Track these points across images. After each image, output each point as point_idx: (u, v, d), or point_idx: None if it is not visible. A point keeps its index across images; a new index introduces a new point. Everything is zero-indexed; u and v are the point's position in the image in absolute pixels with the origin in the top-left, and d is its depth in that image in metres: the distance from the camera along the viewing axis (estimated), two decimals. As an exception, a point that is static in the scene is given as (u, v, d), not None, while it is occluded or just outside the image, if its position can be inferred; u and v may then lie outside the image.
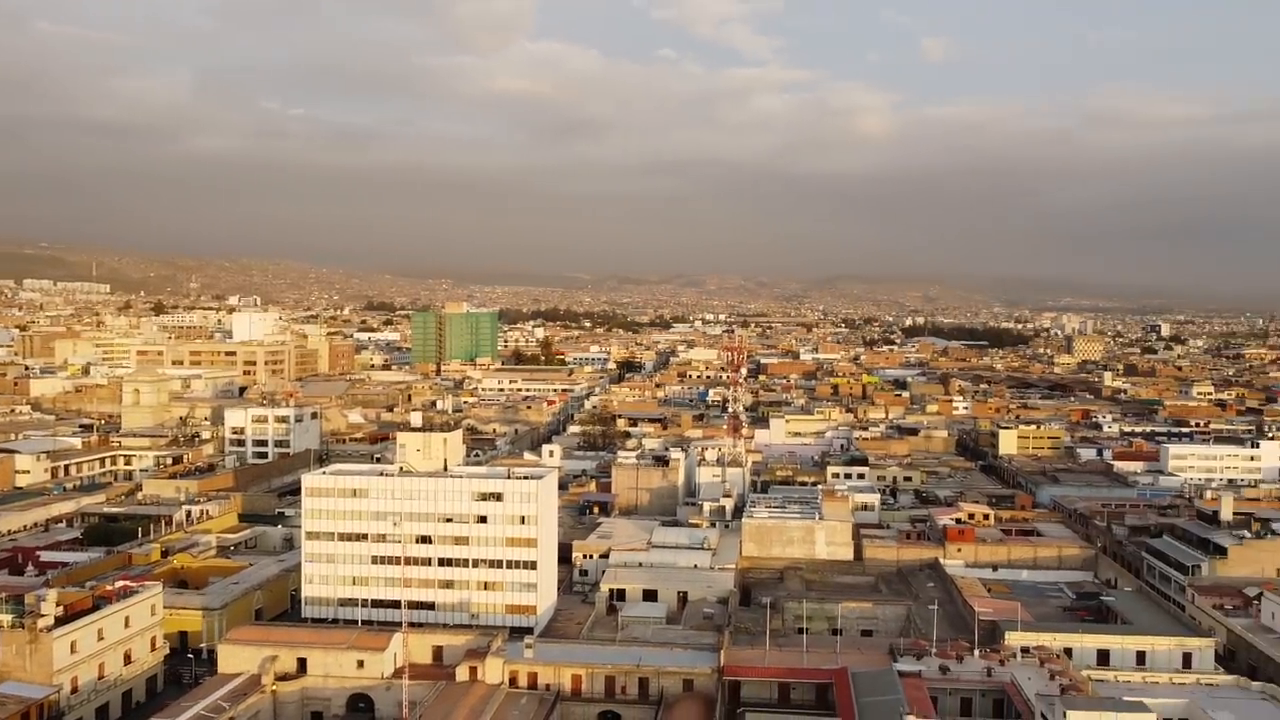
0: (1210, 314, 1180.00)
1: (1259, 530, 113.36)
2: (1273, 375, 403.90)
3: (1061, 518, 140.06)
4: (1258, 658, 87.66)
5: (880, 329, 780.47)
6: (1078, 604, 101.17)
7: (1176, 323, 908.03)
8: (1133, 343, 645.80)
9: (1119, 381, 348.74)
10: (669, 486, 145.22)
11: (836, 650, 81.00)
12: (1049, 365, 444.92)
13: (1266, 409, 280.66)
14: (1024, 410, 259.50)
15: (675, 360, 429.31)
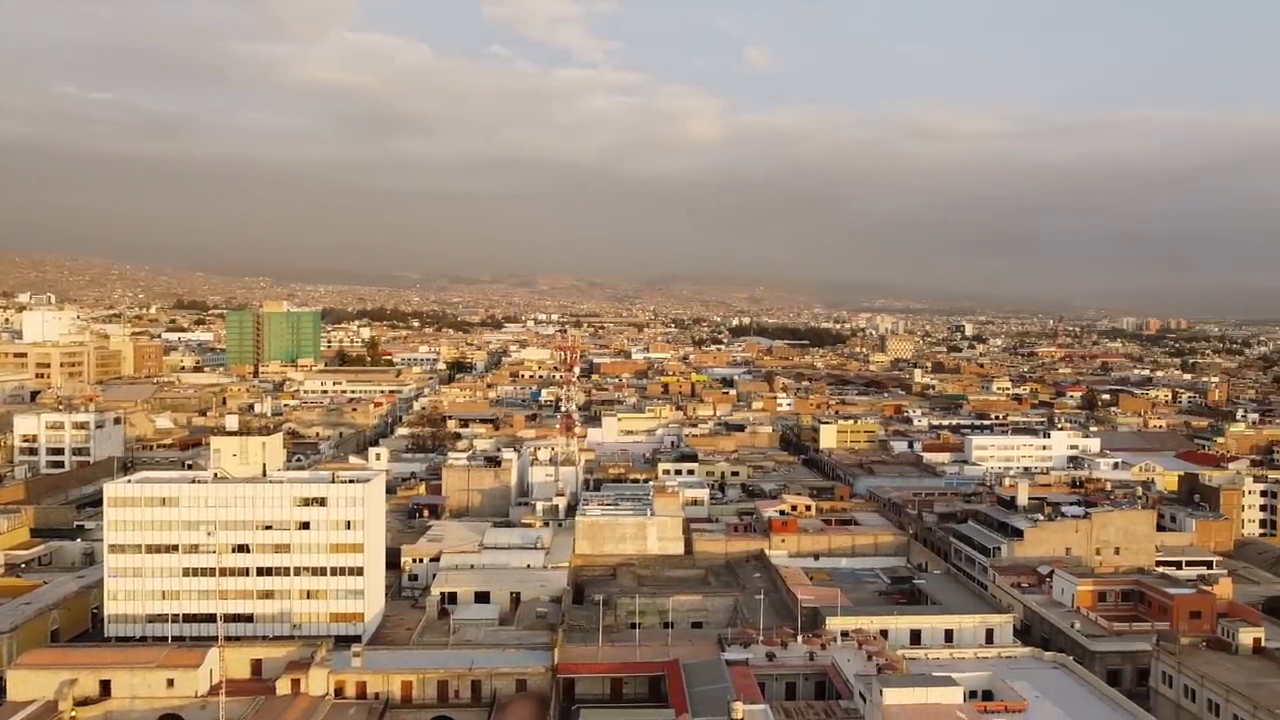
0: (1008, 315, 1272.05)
1: (1050, 514, 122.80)
2: (1061, 371, 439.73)
3: (877, 507, 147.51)
4: (1050, 630, 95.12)
5: (709, 329, 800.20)
6: (892, 588, 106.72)
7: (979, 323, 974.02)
8: (940, 342, 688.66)
9: (928, 378, 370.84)
10: (501, 487, 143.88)
11: (668, 643, 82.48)
12: (865, 363, 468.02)
13: (1056, 402, 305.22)
14: (842, 406, 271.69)
15: (507, 360, 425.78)
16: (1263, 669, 78.05)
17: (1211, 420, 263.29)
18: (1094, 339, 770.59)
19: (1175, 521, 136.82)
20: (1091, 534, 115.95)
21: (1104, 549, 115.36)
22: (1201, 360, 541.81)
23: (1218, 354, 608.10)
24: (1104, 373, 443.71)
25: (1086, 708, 70.24)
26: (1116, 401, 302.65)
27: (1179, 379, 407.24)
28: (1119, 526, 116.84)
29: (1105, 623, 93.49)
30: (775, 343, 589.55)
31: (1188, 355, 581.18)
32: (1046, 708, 69.35)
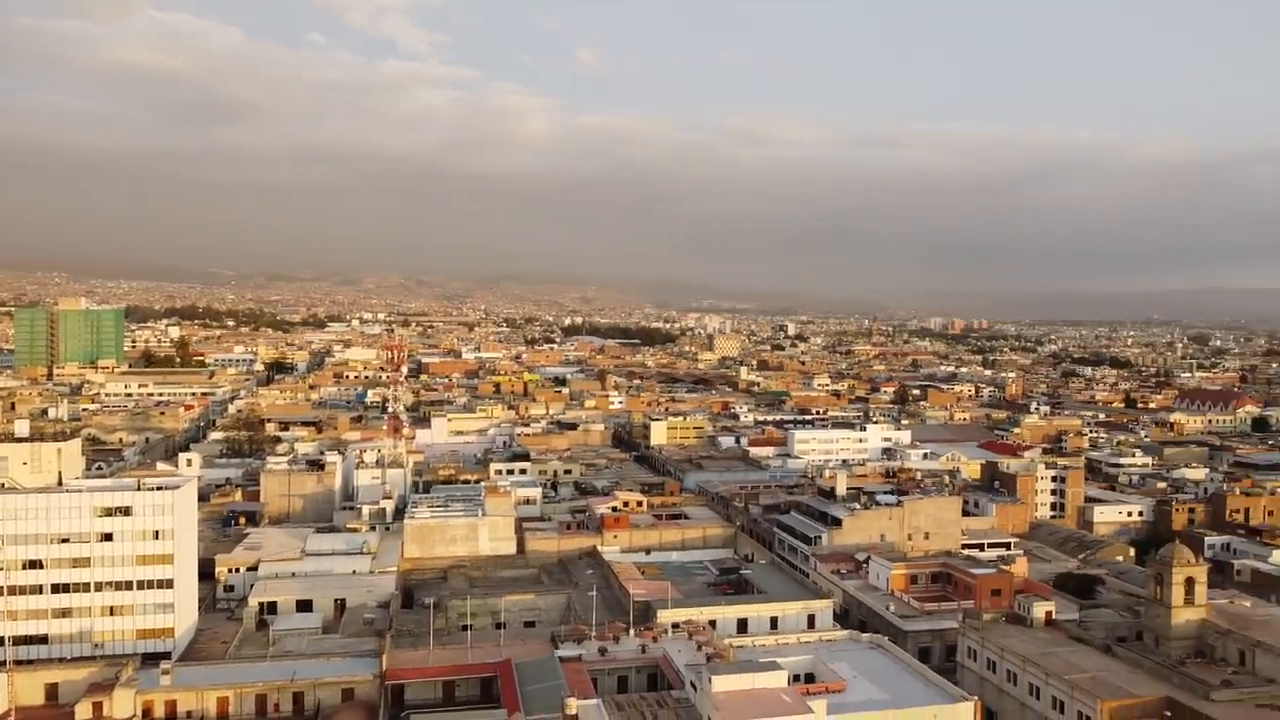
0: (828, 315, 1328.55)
1: (867, 503, 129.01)
2: (876, 368, 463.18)
3: (706, 501, 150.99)
4: (866, 613, 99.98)
5: (541, 328, 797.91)
6: (720, 579, 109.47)
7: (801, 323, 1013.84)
8: (765, 341, 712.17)
9: (753, 375, 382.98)
10: (325, 491, 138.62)
11: (500, 643, 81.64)
12: (694, 362, 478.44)
13: (872, 398, 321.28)
14: (672, 403, 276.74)
15: (331, 361, 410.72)
16: (1053, 639, 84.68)
17: (1009, 413, 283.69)
18: (905, 338, 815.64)
19: (978, 507, 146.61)
20: (904, 521, 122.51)
21: (915, 534, 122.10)
22: (1000, 357, 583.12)
23: (1014, 352, 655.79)
24: (914, 369, 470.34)
25: (900, 683, 74.17)
26: (926, 396, 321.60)
27: (981, 375, 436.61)
28: (928, 513, 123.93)
29: (917, 603, 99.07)
30: (607, 342, 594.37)
31: (988, 353, 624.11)
32: (864, 685, 72.82)
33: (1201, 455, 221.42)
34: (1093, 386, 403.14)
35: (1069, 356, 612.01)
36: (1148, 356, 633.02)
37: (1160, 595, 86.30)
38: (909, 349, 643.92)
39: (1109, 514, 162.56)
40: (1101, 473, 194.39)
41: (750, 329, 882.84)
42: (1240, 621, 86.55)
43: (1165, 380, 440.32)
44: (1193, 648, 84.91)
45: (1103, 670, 76.20)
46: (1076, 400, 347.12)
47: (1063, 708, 72.73)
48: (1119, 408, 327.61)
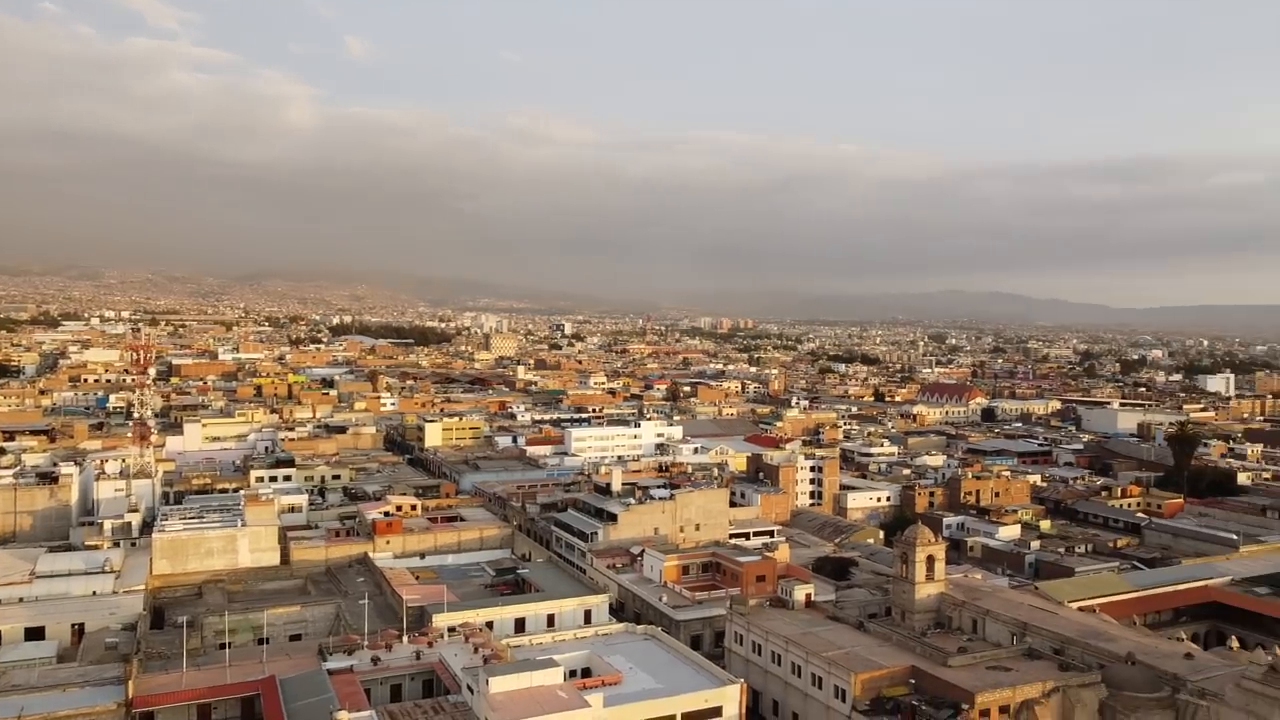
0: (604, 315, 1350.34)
1: (641, 498, 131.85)
2: (650, 366, 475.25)
3: (483, 502, 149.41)
4: (641, 605, 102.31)
5: (307, 328, 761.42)
6: (497, 579, 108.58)
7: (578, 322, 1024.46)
8: (542, 340, 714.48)
9: (531, 375, 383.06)
10: (59, 507, 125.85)
11: (263, 660, 77.08)
12: (470, 361, 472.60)
13: (645, 395, 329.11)
14: (448, 404, 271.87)
15: (66, 363, 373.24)
16: (813, 620, 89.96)
17: (773, 407, 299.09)
18: (677, 337, 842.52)
19: (745, 497, 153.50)
20: (676, 514, 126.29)
21: (687, 526, 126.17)
22: (764, 355, 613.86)
23: (777, 350, 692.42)
24: (685, 367, 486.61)
25: (673, 672, 76.34)
26: (696, 393, 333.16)
27: (746, 371, 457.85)
28: (699, 505, 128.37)
29: (688, 593, 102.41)
30: (379, 341, 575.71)
31: (754, 351, 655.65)
32: (639, 676, 74.41)
33: (940, 443, 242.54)
34: (846, 382, 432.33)
35: (825, 354, 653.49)
36: (894, 354, 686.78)
37: (905, 573, 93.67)
38: (680, 348, 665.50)
39: (861, 500, 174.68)
40: (854, 462, 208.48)
41: (528, 328, 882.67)
42: (973, 593, 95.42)
43: (909, 376, 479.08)
44: (934, 619, 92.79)
45: (856, 645, 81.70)
46: (832, 395, 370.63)
47: (821, 683, 77.38)
48: (869, 401, 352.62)
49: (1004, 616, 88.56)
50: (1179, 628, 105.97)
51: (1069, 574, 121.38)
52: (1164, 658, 78.77)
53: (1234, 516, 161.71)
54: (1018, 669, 76.75)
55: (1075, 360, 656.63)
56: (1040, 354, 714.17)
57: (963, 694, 70.90)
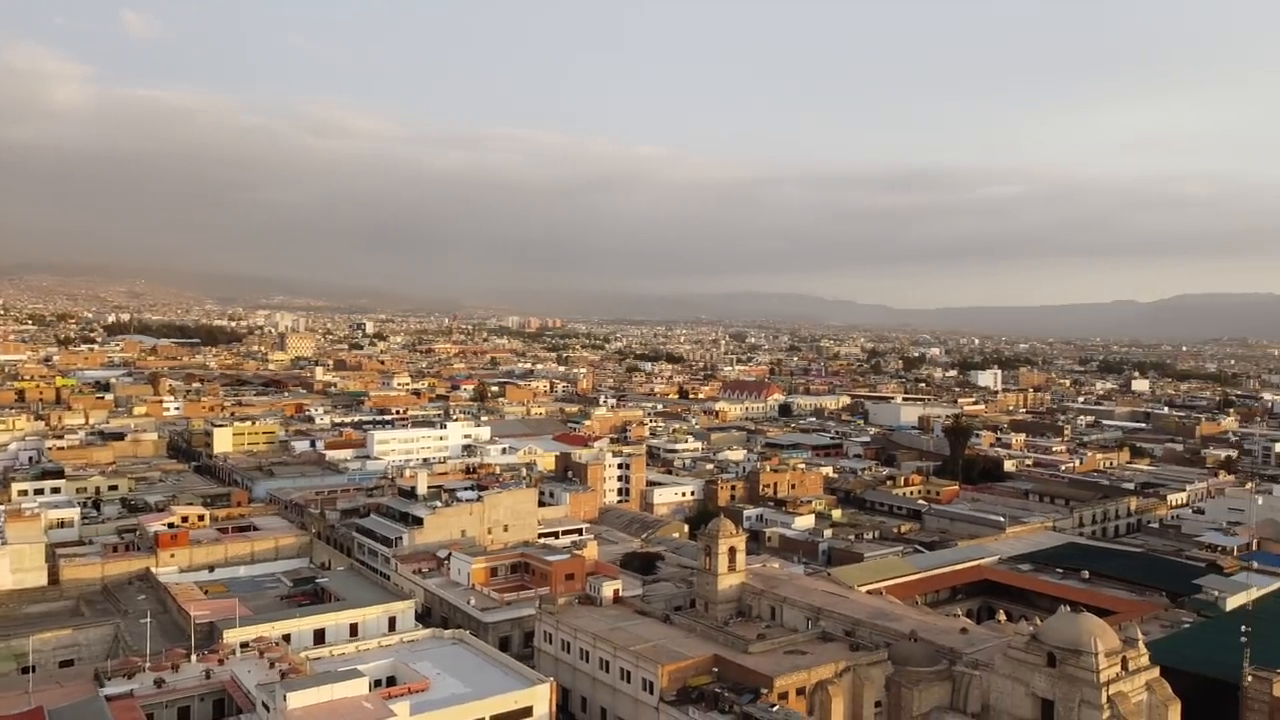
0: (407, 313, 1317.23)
1: (447, 500, 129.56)
2: (456, 366, 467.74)
3: (278, 510, 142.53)
4: (449, 609, 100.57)
5: (78, 327, 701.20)
6: (295, 590, 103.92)
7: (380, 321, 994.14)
8: (342, 340, 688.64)
9: (330, 376, 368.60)
10: None
11: (29, 690, 70.39)
12: (264, 362, 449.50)
13: (452, 395, 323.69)
14: (239, 408, 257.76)
15: None
16: (620, 615, 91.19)
17: (581, 406, 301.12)
18: (485, 336, 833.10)
19: (554, 496, 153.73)
20: (484, 515, 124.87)
21: (495, 528, 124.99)
22: (573, 354, 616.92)
23: (585, 349, 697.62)
24: (493, 367, 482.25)
25: (481, 674, 75.50)
26: (504, 393, 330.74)
27: (555, 371, 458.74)
28: (507, 506, 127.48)
29: (497, 595, 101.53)
30: (160, 341, 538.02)
31: (562, 350, 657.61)
32: (447, 682, 73.11)
33: (741, 439, 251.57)
34: (652, 380, 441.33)
35: (632, 353, 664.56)
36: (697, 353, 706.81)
37: (709, 565, 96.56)
38: (488, 347, 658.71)
39: (667, 495, 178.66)
40: (660, 458, 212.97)
41: (326, 327, 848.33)
42: (771, 582, 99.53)
43: (711, 374, 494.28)
44: (735, 609, 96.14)
45: (663, 638, 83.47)
46: (639, 393, 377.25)
47: (630, 677, 78.58)
48: (674, 399, 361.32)
49: (800, 603, 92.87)
50: (955, 605, 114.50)
51: (858, 559, 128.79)
52: (942, 633, 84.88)
53: (1002, 500, 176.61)
54: (813, 652, 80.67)
55: (863, 358, 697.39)
56: (832, 352, 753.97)
57: (762, 679, 73.83)
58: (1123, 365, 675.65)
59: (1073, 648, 70.55)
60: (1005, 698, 73.67)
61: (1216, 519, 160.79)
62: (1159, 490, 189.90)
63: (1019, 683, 72.96)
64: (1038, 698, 71.80)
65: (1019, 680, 72.99)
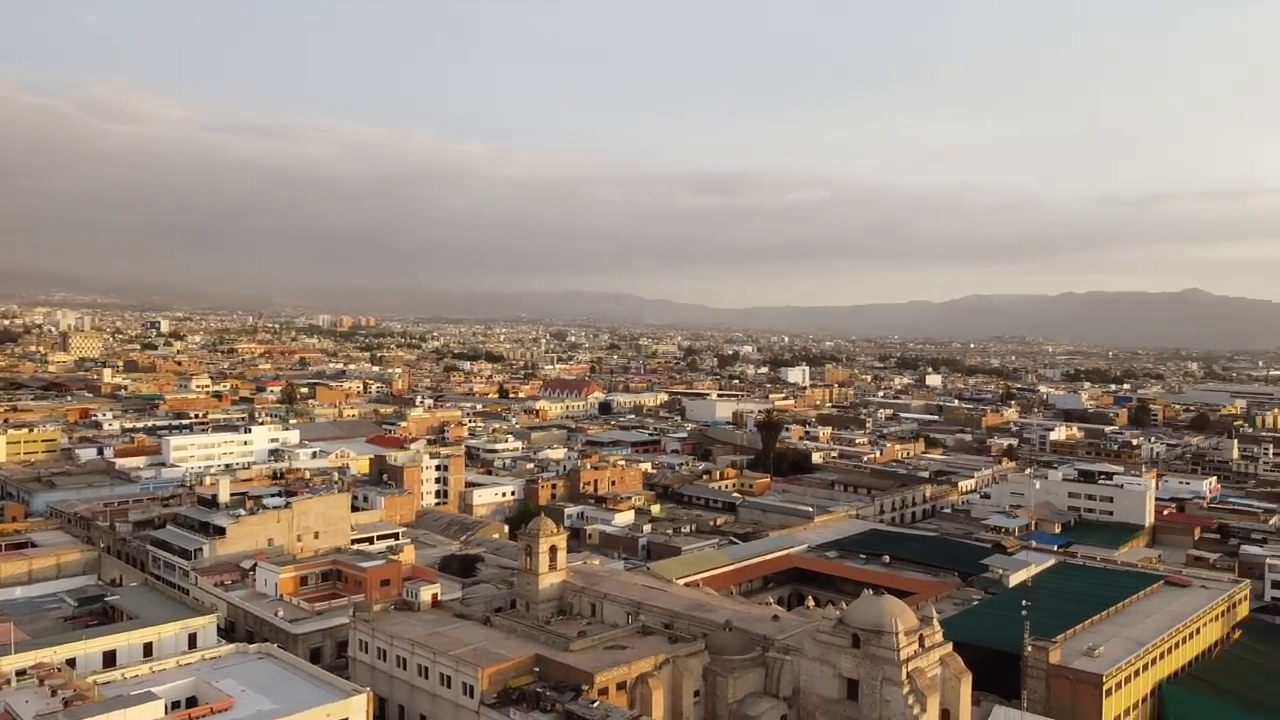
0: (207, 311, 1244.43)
1: (253, 508, 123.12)
2: (262, 367, 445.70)
3: (61, 524, 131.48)
4: (255, 622, 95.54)
5: None
6: (81, 610, 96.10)
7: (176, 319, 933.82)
8: (134, 339, 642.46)
9: (120, 378, 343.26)
10: None
11: None
12: (43, 364, 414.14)
13: (257, 398, 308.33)
14: (14, 413, 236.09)
15: None
16: (439, 619, 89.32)
17: (396, 407, 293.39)
18: (293, 335, 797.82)
19: (368, 500, 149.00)
20: (293, 522, 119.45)
21: (305, 535, 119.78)
22: (387, 354, 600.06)
23: (401, 348, 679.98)
24: (302, 367, 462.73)
25: (291, 689, 72.10)
26: (314, 394, 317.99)
27: (369, 371, 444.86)
28: (318, 511, 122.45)
29: (307, 605, 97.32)
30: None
31: (376, 349, 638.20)
32: (253, 698, 69.35)
33: (561, 437, 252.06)
34: (471, 380, 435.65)
35: (450, 352, 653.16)
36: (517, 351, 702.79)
37: (529, 565, 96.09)
38: (297, 347, 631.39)
39: (486, 496, 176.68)
40: (480, 458, 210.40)
41: (115, 326, 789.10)
42: (592, 579, 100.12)
43: (532, 372, 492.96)
44: (557, 607, 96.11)
45: (483, 641, 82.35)
46: (457, 393, 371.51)
47: (450, 681, 77.07)
48: (494, 398, 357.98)
49: (620, 598, 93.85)
50: (768, 593, 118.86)
51: (676, 553, 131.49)
52: (756, 621, 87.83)
53: (810, 491, 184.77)
54: (633, 646, 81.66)
55: (680, 356, 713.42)
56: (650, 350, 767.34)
57: (583, 675, 74.11)
58: (918, 362, 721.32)
59: (875, 629, 74.51)
60: (814, 680, 76.99)
61: (1001, 503, 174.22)
62: (951, 478, 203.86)
63: (826, 665, 76.41)
64: (844, 678, 75.44)
65: (826, 662, 76.44)
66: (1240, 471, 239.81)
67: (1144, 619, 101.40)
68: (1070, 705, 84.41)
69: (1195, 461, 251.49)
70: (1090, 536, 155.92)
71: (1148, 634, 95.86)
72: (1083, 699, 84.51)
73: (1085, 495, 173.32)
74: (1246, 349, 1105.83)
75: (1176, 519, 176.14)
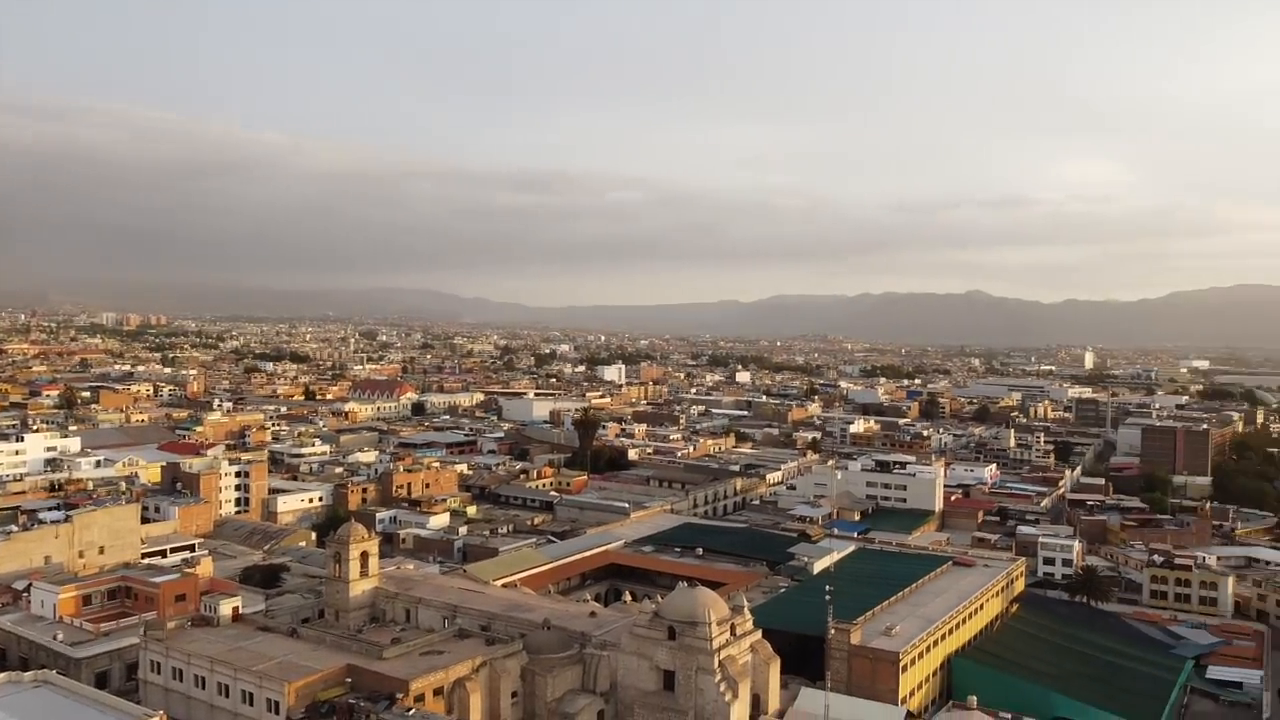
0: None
1: (25, 523, 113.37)
2: (37, 369, 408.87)
3: None
4: (30, 648, 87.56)
5: None
6: None
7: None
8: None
9: None
10: None
11: None
12: None
13: (31, 403, 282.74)
14: None
15: None
16: (241, 634, 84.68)
17: (192, 411, 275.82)
18: (72, 335, 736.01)
19: (160, 511, 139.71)
20: (74, 537, 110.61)
21: (88, 550, 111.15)
22: (181, 354, 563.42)
23: (196, 348, 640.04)
24: (84, 369, 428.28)
25: (73, 718, 66.62)
26: (98, 399, 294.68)
27: (161, 373, 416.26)
28: (103, 524, 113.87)
29: (91, 626, 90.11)
30: None
31: (168, 350, 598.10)
32: (27, 733, 63.64)
33: (372, 439, 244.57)
34: (275, 381, 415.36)
35: (252, 352, 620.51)
36: (325, 351, 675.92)
37: (339, 572, 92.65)
38: (77, 347, 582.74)
39: (292, 503, 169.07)
40: (285, 464, 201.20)
41: None
42: (405, 584, 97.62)
43: (340, 373, 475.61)
44: (369, 615, 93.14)
45: (289, 654, 78.70)
46: (259, 395, 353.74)
47: (252, 699, 73.24)
48: (300, 400, 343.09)
49: (435, 602, 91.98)
50: (586, 590, 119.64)
51: (494, 554, 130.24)
52: (574, 619, 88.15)
53: (626, 488, 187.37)
54: (450, 650, 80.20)
55: (497, 355, 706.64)
56: (466, 349, 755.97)
57: (397, 683, 72.15)
58: (728, 359, 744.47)
59: (690, 620, 76.32)
60: (631, 673, 78.07)
61: (805, 494, 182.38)
62: (760, 470, 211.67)
63: (643, 658, 77.63)
64: (660, 669, 76.88)
65: (643, 655, 77.66)
66: (1016, 459, 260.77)
67: (935, 598, 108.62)
68: (870, 682, 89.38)
69: (978, 450, 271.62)
70: (887, 522, 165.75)
71: (938, 612, 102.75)
72: (881, 676, 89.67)
73: (882, 484, 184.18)
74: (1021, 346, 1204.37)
75: (962, 504, 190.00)
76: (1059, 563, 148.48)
